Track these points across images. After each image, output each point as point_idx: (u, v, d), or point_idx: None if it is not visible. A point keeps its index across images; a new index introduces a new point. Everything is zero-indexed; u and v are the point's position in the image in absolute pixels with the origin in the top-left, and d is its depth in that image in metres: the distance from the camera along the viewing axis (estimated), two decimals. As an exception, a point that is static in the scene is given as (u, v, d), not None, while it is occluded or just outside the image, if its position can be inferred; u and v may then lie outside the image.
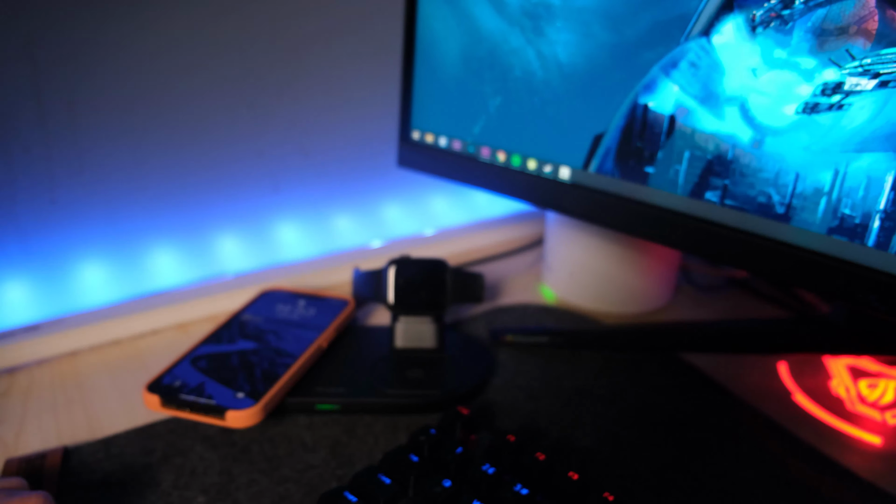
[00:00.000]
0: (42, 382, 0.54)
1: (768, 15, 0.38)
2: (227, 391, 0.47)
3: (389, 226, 0.80)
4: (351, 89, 0.71)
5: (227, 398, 0.46)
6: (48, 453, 0.44)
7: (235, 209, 0.70)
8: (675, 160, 0.44)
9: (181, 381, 0.48)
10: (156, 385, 0.47)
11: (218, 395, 0.46)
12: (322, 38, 0.68)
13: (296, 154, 0.71)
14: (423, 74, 0.57)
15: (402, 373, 0.52)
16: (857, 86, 0.36)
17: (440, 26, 0.54)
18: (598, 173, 0.48)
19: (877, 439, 0.49)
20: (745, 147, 0.41)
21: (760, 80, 0.40)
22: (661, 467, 0.45)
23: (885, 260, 0.36)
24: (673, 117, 0.43)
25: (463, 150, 0.56)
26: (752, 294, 0.71)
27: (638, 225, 0.47)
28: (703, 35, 0.41)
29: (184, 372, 0.49)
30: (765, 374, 0.56)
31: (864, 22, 0.35)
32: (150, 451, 0.46)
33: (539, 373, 0.55)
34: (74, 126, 0.59)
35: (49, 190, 0.59)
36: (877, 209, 0.36)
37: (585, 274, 0.66)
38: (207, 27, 0.62)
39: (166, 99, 0.62)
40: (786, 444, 0.48)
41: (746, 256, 0.42)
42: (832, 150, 0.37)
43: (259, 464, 0.45)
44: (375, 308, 0.66)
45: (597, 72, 0.46)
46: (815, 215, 0.39)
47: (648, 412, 0.51)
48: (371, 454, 0.46)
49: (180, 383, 0.47)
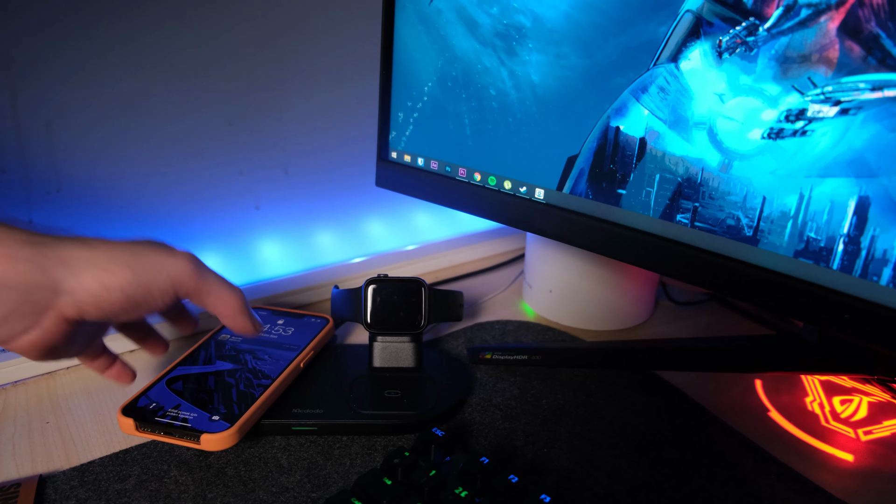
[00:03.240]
0: (18, 404, 0.54)
1: (734, 41, 0.39)
2: (203, 414, 0.46)
3: (371, 242, 0.80)
4: (331, 108, 0.71)
5: (202, 421, 0.46)
6: (23, 482, 0.44)
7: (216, 227, 0.70)
8: (647, 182, 0.44)
9: (156, 403, 0.47)
10: (130, 408, 0.47)
11: (193, 418, 0.46)
12: (303, 58, 0.68)
13: (277, 172, 0.71)
14: (400, 95, 0.57)
15: (379, 393, 0.52)
16: (819, 112, 0.37)
17: (416, 47, 0.55)
18: (572, 194, 0.49)
19: (849, 457, 0.49)
20: (713, 170, 0.41)
21: (727, 105, 0.40)
22: (636, 487, 0.45)
23: (849, 283, 0.37)
24: (644, 140, 0.44)
25: (440, 170, 0.56)
26: (730, 310, 0.72)
27: (611, 246, 0.47)
28: (671, 61, 0.42)
29: (159, 394, 0.49)
30: (741, 391, 0.57)
31: (825, 50, 0.36)
32: (126, 476, 0.46)
33: (517, 391, 0.56)
34: (52, 146, 0.59)
35: (27, 210, 0.59)
36: (840, 233, 0.37)
37: (565, 291, 0.67)
38: (189, 46, 0.62)
39: (146, 119, 0.62)
40: (759, 462, 0.48)
41: (716, 278, 0.43)
42: (797, 174, 0.38)
43: (234, 487, 0.45)
44: (356, 325, 0.66)
45: (569, 94, 0.47)
46: (782, 238, 0.39)
47: (625, 431, 0.51)
48: (347, 475, 0.46)
49: (155, 406, 0.47)
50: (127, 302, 0.39)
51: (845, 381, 0.57)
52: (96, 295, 0.38)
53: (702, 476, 0.47)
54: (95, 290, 0.38)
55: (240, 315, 0.45)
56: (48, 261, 0.37)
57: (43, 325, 0.38)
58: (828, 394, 0.56)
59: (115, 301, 0.39)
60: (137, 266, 0.39)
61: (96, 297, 0.38)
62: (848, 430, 0.52)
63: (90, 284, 0.38)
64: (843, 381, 0.57)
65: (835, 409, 0.54)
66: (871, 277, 0.36)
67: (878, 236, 0.35)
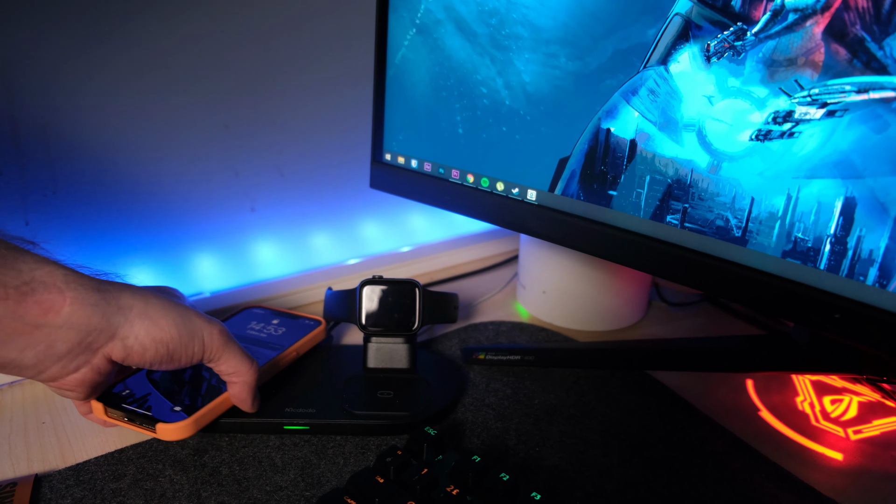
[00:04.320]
0: (14, 404, 0.54)
1: (722, 45, 0.40)
2: (167, 404, 0.48)
3: (366, 243, 0.81)
4: (326, 111, 0.72)
5: (163, 411, 0.47)
6: (19, 481, 0.44)
7: (212, 228, 0.70)
8: (637, 184, 0.45)
9: (129, 390, 0.49)
10: (106, 393, 0.48)
11: (156, 407, 0.47)
12: (299, 61, 0.68)
13: (272, 174, 0.71)
14: (395, 99, 0.58)
15: (372, 393, 0.53)
16: (806, 114, 0.37)
17: (411, 53, 0.55)
18: (564, 196, 0.49)
19: (839, 455, 0.50)
20: (702, 172, 0.42)
21: (716, 107, 0.41)
22: (627, 485, 0.46)
23: (836, 283, 0.37)
24: (634, 142, 0.44)
25: (433, 172, 0.57)
26: (722, 310, 0.72)
27: (602, 246, 0.48)
28: (661, 63, 0.42)
29: (137, 383, 0.50)
30: (732, 391, 0.57)
31: (811, 54, 0.36)
32: (121, 476, 0.46)
33: (510, 391, 0.56)
34: (49, 149, 0.59)
35: (23, 213, 0.59)
36: (827, 233, 0.37)
37: (558, 292, 0.67)
38: (185, 49, 0.62)
39: (141, 122, 0.62)
40: (750, 461, 0.49)
41: (706, 278, 0.43)
42: (784, 175, 0.38)
43: (228, 486, 0.45)
44: (352, 326, 0.66)
45: (561, 96, 0.47)
46: (770, 239, 0.40)
47: (616, 430, 0.51)
48: (341, 475, 0.46)
49: (127, 393, 0.48)
50: (166, 355, 0.43)
51: (836, 381, 0.57)
52: (144, 345, 0.42)
53: (692, 475, 0.47)
54: (145, 341, 0.42)
55: (246, 388, 0.48)
56: (110, 308, 0.41)
57: (92, 364, 0.42)
58: (818, 393, 0.56)
59: (158, 354, 0.43)
60: (182, 326, 0.43)
61: (143, 347, 0.42)
62: (838, 429, 0.53)
63: (141, 335, 0.42)
64: (834, 381, 0.57)
65: (825, 409, 0.55)
66: (858, 277, 0.36)
67: (864, 237, 0.36)
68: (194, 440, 0.49)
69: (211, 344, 0.45)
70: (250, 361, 0.48)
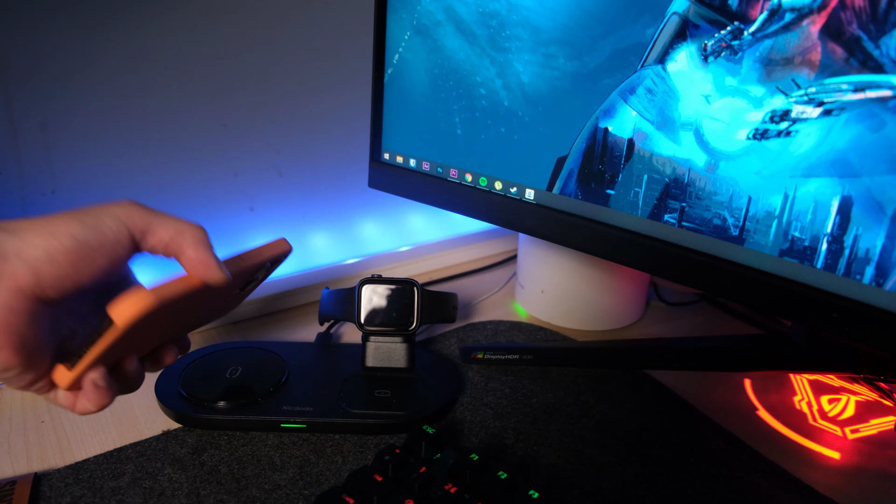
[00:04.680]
0: (13, 403, 0.54)
1: (719, 45, 0.40)
2: None
3: (365, 243, 0.81)
4: (325, 110, 0.72)
5: None
6: (18, 480, 0.44)
7: (211, 228, 0.69)
8: (635, 183, 0.45)
9: None
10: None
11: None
12: (297, 60, 0.68)
13: (271, 173, 0.72)
14: (393, 99, 0.58)
15: (370, 392, 0.53)
16: (802, 113, 0.37)
17: (409, 54, 0.55)
18: (562, 195, 0.49)
19: (836, 454, 0.50)
20: (700, 171, 0.42)
21: (713, 106, 0.41)
22: (624, 484, 0.46)
23: (833, 282, 0.37)
24: (632, 141, 0.45)
25: (432, 171, 0.57)
26: (720, 310, 0.72)
27: (600, 245, 0.48)
28: (658, 62, 0.42)
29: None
30: (730, 390, 0.57)
31: (808, 53, 0.36)
32: (120, 474, 0.46)
33: (508, 390, 0.56)
34: (47, 147, 0.59)
35: (22, 211, 0.59)
36: (824, 232, 0.37)
37: (556, 291, 0.67)
38: (184, 48, 0.62)
39: (140, 120, 0.62)
40: (747, 460, 0.49)
41: (704, 277, 0.43)
42: (781, 174, 0.39)
43: (227, 484, 0.45)
44: (351, 324, 0.66)
45: (559, 97, 0.47)
46: (768, 238, 0.40)
47: (614, 429, 0.52)
48: (339, 473, 0.47)
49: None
50: (81, 248, 0.35)
51: (833, 381, 0.58)
52: (45, 248, 0.34)
53: (690, 473, 0.47)
54: (43, 242, 0.34)
55: (202, 246, 0.39)
56: None
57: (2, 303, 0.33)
58: (816, 393, 0.56)
59: (69, 250, 0.35)
60: (81, 214, 0.36)
61: (47, 251, 0.34)
62: (835, 428, 0.53)
63: (35, 239, 0.34)
64: (832, 381, 0.58)
65: (822, 408, 0.55)
66: (854, 276, 0.37)
67: (861, 235, 0.36)
68: (193, 439, 0.49)
69: (131, 215, 0.37)
70: (190, 222, 0.40)
